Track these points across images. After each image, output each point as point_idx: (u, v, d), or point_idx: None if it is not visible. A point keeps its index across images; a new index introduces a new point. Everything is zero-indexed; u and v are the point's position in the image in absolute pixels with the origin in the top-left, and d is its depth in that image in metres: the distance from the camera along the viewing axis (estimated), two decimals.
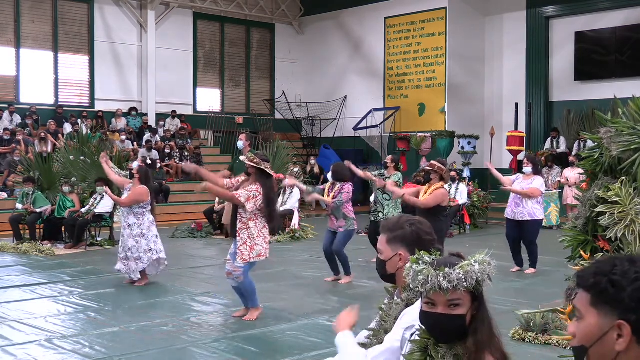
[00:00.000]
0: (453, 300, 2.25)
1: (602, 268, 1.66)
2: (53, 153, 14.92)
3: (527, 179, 9.66)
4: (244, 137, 10.65)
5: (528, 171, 9.71)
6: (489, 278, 2.27)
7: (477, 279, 2.24)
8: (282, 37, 24.01)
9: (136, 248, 8.68)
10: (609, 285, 1.62)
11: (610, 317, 1.61)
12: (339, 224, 8.83)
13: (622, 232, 5.03)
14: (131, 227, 8.70)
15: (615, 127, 5.24)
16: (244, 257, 6.70)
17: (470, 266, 2.25)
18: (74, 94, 20.22)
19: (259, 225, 6.77)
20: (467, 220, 14.72)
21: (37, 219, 12.47)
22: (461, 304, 2.26)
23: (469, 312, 2.27)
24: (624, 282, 1.61)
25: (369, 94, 21.83)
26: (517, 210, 9.52)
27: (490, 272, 2.27)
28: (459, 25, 19.94)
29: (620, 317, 1.59)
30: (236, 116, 22.49)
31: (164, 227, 14.61)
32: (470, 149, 18.24)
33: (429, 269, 2.28)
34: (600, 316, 1.63)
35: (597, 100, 17.49)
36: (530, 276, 9.26)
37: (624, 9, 17.82)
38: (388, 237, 2.89)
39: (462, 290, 2.24)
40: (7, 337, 6.26)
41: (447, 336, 2.28)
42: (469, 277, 2.23)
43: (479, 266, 2.26)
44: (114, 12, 20.43)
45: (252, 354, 5.82)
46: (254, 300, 6.98)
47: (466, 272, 2.24)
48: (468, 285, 2.23)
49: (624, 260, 1.66)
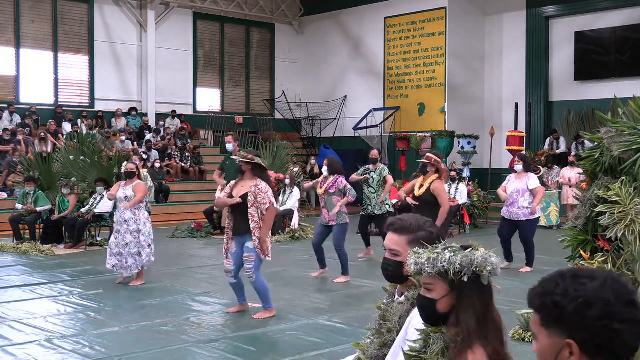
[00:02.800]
0: (426, 283, 2.33)
1: (547, 288, 1.67)
2: (53, 153, 14.93)
3: (520, 178, 9.68)
4: (231, 138, 10.68)
5: (519, 169, 9.75)
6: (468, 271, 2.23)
7: (444, 268, 2.25)
8: (282, 37, 24.01)
9: (134, 244, 8.67)
10: (553, 306, 1.63)
11: (560, 337, 1.62)
12: (331, 217, 8.86)
13: (622, 232, 5.02)
14: (127, 223, 8.69)
15: (615, 127, 5.24)
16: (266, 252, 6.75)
17: (438, 254, 2.27)
18: (74, 94, 20.22)
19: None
20: (467, 220, 14.72)
21: (37, 219, 12.46)
22: (432, 289, 2.31)
23: (445, 300, 2.30)
24: (565, 301, 1.61)
25: (369, 93, 21.83)
26: (513, 209, 9.56)
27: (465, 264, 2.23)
28: (459, 25, 19.94)
29: (568, 335, 1.61)
30: (236, 116, 22.49)
31: (164, 227, 14.64)
32: (470, 149, 18.24)
33: (412, 253, 2.36)
34: (551, 336, 1.64)
35: (597, 100, 17.49)
36: (530, 276, 9.26)
37: (624, 9, 17.82)
38: (410, 238, 2.76)
39: (429, 275, 2.29)
40: (7, 337, 6.25)
41: (423, 316, 2.38)
42: (432, 264, 2.26)
43: (450, 256, 2.25)
44: (113, 12, 20.43)
45: (252, 354, 5.82)
46: (268, 301, 6.98)
47: (429, 258, 2.27)
48: (431, 271, 2.27)
49: (567, 277, 1.66)
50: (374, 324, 2.97)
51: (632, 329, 1.59)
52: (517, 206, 9.53)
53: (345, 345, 5.89)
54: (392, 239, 2.80)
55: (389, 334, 2.79)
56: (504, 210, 9.70)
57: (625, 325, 1.58)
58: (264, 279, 6.96)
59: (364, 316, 6.67)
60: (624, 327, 1.58)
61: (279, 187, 14.50)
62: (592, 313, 1.58)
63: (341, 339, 6.15)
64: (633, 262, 5.01)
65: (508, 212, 9.62)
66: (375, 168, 10.60)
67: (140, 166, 9.96)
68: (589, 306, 1.59)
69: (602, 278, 1.63)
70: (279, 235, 13.29)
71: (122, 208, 8.72)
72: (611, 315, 1.58)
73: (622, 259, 5.08)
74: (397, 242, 2.78)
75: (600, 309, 1.58)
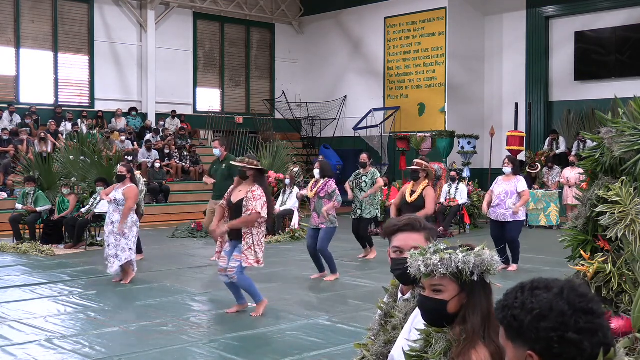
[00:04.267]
0: (435, 285, 2.32)
1: (507, 301, 1.71)
2: (53, 153, 14.92)
3: (508, 180, 9.68)
4: (218, 143, 10.68)
5: (508, 171, 9.76)
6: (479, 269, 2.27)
7: (457, 268, 2.26)
8: (282, 37, 24.01)
9: (113, 246, 8.70)
10: (512, 319, 1.67)
11: (522, 348, 1.66)
12: (320, 220, 8.88)
13: (622, 232, 5.01)
14: (114, 224, 8.73)
15: (616, 127, 5.24)
16: (249, 260, 6.80)
17: (452, 254, 2.28)
18: (74, 93, 20.22)
19: (261, 233, 6.93)
20: (467, 220, 14.73)
21: (37, 219, 12.46)
22: (443, 290, 2.30)
23: (455, 300, 2.30)
24: (523, 314, 1.65)
25: (369, 93, 21.83)
26: (500, 211, 9.61)
27: (479, 263, 2.27)
28: (459, 25, 19.94)
29: (529, 347, 1.64)
30: (236, 116, 22.49)
31: (164, 227, 14.65)
32: (470, 149, 18.25)
33: (416, 255, 2.34)
34: (515, 348, 1.68)
35: (597, 100, 17.50)
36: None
37: (624, 9, 17.82)
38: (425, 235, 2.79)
39: (440, 276, 2.28)
40: (7, 337, 6.25)
41: (430, 319, 2.36)
42: (445, 265, 2.27)
43: (463, 256, 2.27)
44: (113, 12, 20.42)
45: (252, 354, 5.82)
46: (256, 295, 7.02)
47: (442, 259, 2.27)
48: (445, 272, 2.27)
49: (525, 290, 1.69)
50: (375, 324, 2.97)
51: (590, 337, 1.61)
52: (504, 207, 9.59)
53: (345, 345, 5.89)
54: (411, 238, 2.78)
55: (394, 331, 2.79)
56: (491, 211, 9.75)
57: (581, 334, 1.60)
58: (246, 275, 6.99)
59: (364, 316, 6.67)
60: (580, 336, 1.60)
61: (278, 187, 14.50)
62: (547, 324, 1.61)
63: (341, 339, 6.15)
64: (633, 262, 5.01)
65: (495, 214, 9.69)
66: (366, 172, 10.65)
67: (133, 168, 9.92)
68: (544, 318, 1.62)
69: (559, 288, 1.66)
70: (279, 235, 13.29)
71: (112, 211, 8.79)
72: (566, 326, 1.60)
73: (622, 259, 5.08)
74: (417, 240, 2.76)
75: (554, 320, 1.61)
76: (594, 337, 1.61)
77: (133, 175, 9.02)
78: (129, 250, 8.74)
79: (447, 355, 2.28)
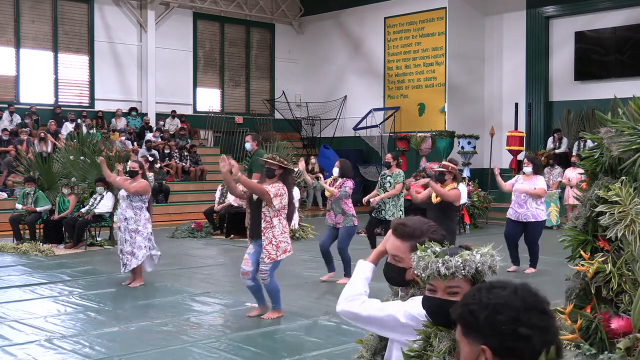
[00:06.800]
0: (452, 287, 2.32)
1: (466, 299, 1.80)
2: (53, 153, 14.92)
3: (528, 180, 9.60)
4: (250, 138, 10.72)
5: (528, 171, 9.63)
6: (491, 270, 2.32)
7: (476, 269, 2.30)
8: (282, 37, 24.01)
9: (129, 243, 8.58)
10: (469, 315, 1.75)
11: (476, 344, 1.73)
12: (337, 220, 8.83)
13: (622, 232, 5.03)
14: (127, 221, 8.61)
15: (615, 127, 5.24)
16: (272, 255, 6.70)
17: (471, 256, 2.31)
18: (74, 93, 20.22)
19: (282, 222, 6.80)
20: (467, 220, 14.72)
21: (37, 219, 12.46)
22: (460, 291, 2.30)
23: None
24: (479, 310, 1.73)
25: (369, 93, 21.83)
26: (521, 211, 9.45)
27: (492, 263, 2.32)
28: (459, 25, 19.94)
29: (483, 342, 1.71)
30: (236, 116, 22.49)
31: (164, 227, 14.64)
32: (470, 149, 18.25)
33: (431, 256, 2.35)
34: (470, 344, 1.75)
35: (597, 100, 17.49)
36: (530, 276, 9.26)
37: (624, 9, 17.82)
38: (413, 245, 2.63)
39: (460, 278, 2.30)
40: (7, 337, 6.26)
41: (443, 320, 2.34)
42: (467, 266, 2.29)
43: (480, 257, 2.31)
44: (113, 12, 20.43)
45: (252, 354, 5.82)
46: (278, 301, 6.98)
47: (465, 261, 2.29)
48: (466, 273, 2.29)
49: (483, 289, 1.79)
50: None
51: (540, 334, 1.69)
52: (525, 207, 9.46)
53: (345, 345, 5.89)
54: (395, 245, 2.71)
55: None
56: (510, 212, 9.58)
57: (533, 330, 1.69)
58: (276, 281, 6.95)
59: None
60: (532, 332, 1.68)
61: None
62: (501, 318, 1.70)
63: (341, 339, 6.15)
64: (633, 262, 5.01)
65: (516, 214, 9.50)
66: (391, 172, 10.17)
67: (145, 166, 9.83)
68: (499, 312, 1.71)
69: (514, 287, 1.76)
70: None
71: (125, 207, 8.68)
72: (519, 320, 1.69)
73: (622, 259, 5.09)
74: (399, 248, 2.69)
75: (508, 315, 1.70)
76: (545, 334, 1.70)
77: (144, 171, 8.93)
78: (145, 248, 8.65)
79: (452, 354, 2.27)
